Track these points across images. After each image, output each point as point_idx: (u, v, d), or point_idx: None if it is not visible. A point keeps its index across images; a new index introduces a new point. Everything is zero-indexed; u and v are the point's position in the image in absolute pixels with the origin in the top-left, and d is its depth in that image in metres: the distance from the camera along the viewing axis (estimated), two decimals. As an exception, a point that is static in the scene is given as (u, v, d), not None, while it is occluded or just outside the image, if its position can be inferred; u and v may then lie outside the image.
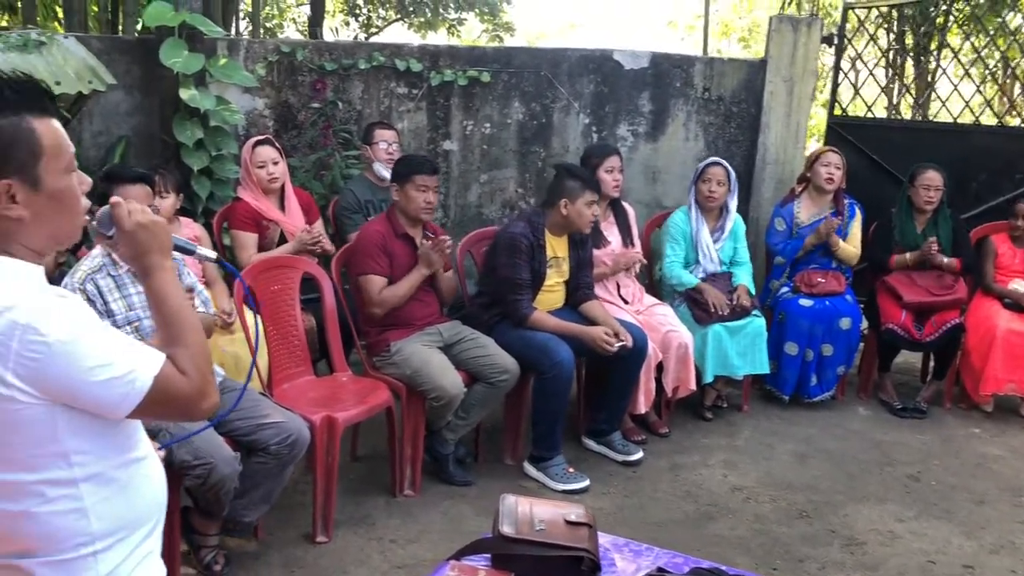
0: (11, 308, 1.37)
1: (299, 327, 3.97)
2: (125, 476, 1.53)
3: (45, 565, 1.45)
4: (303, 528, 3.55)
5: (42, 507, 1.44)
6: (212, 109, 4.69)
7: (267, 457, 3.17)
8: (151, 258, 1.63)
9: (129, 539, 1.54)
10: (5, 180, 1.44)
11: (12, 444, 1.40)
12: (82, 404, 1.44)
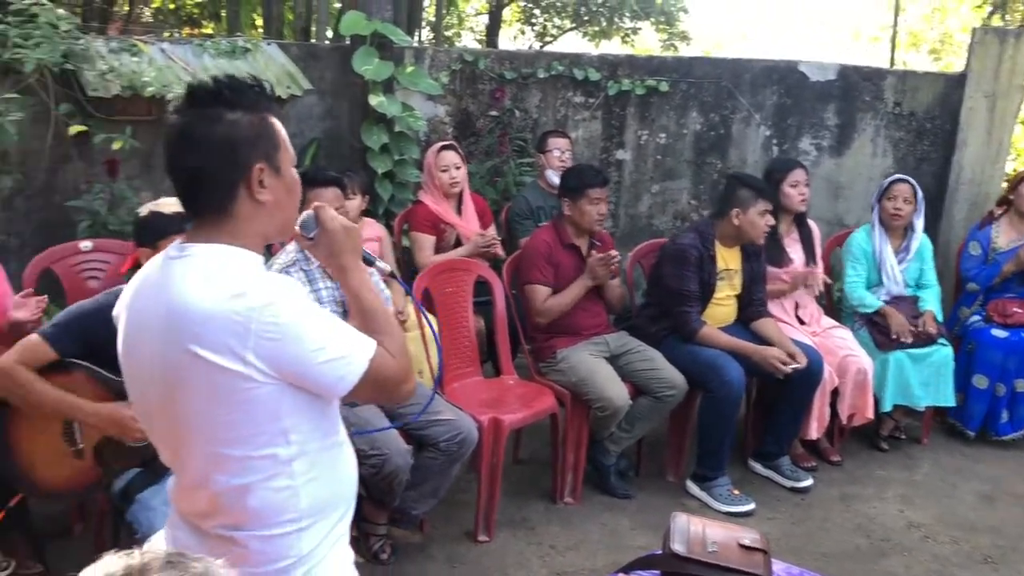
0: (245, 293, 1.48)
1: (470, 328, 4.06)
2: (329, 458, 1.62)
3: (256, 539, 1.55)
4: (465, 526, 3.63)
5: (262, 483, 1.54)
6: (398, 115, 4.87)
7: (437, 453, 3.25)
8: (347, 258, 1.73)
9: (327, 520, 1.62)
10: (257, 164, 1.56)
11: (243, 421, 1.51)
12: (306, 383, 1.53)
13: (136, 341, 1.59)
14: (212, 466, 1.54)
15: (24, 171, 4.31)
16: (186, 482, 1.61)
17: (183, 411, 1.53)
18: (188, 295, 1.49)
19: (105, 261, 3.76)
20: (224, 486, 1.53)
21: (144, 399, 1.62)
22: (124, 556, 0.97)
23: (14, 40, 3.97)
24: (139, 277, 1.64)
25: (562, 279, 3.97)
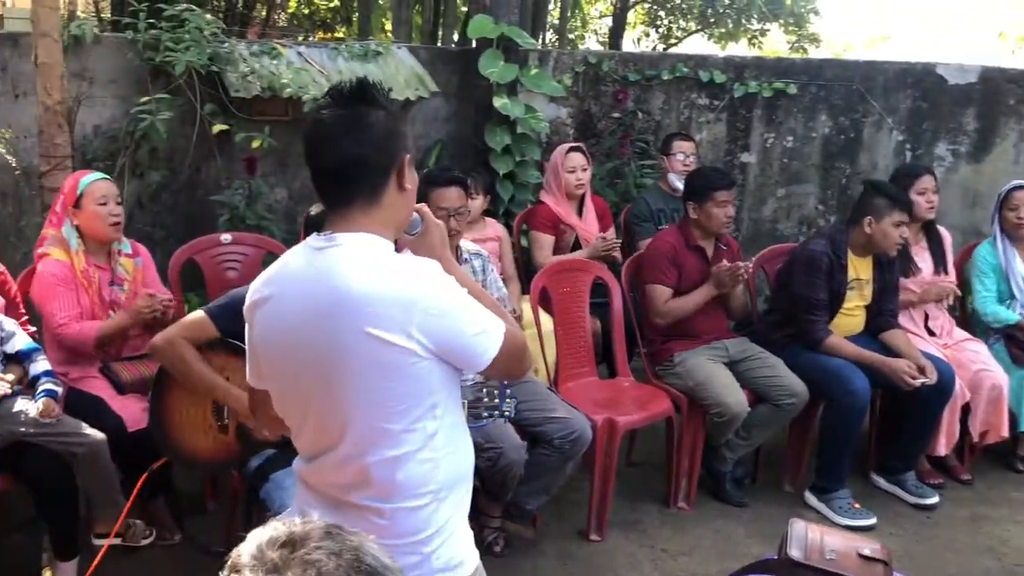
0: (404, 273, 1.60)
1: (587, 328, 4.08)
2: (458, 435, 1.72)
3: (401, 510, 1.63)
4: (577, 524, 3.65)
5: (412, 455, 1.62)
6: (521, 117, 4.94)
7: (551, 449, 3.29)
8: (445, 251, 1.84)
9: (456, 495, 1.70)
10: (405, 155, 1.69)
11: (404, 395, 1.60)
12: (454, 356, 1.64)
13: (286, 330, 1.67)
14: (371, 440, 1.62)
15: (171, 167, 4.58)
16: (337, 458, 1.67)
17: (348, 390, 1.61)
18: (351, 279, 1.59)
19: (243, 253, 3.96)
20: (379, 458, 1.62)
21: (295, 382, 1.69)
22: (287, 524, 1.02)
23: (166, 44, 4.24)
24: (280, 268, 1.73)
25: (686, 281, 3.94)
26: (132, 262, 3.40)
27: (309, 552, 0.97)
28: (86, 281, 3.22)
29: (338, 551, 0.99)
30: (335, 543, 1.00)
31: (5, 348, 2.91)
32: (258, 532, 1.02)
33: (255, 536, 1.02)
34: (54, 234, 3.26)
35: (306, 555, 0.97)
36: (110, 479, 2.96)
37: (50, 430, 2.83)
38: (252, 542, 1.01)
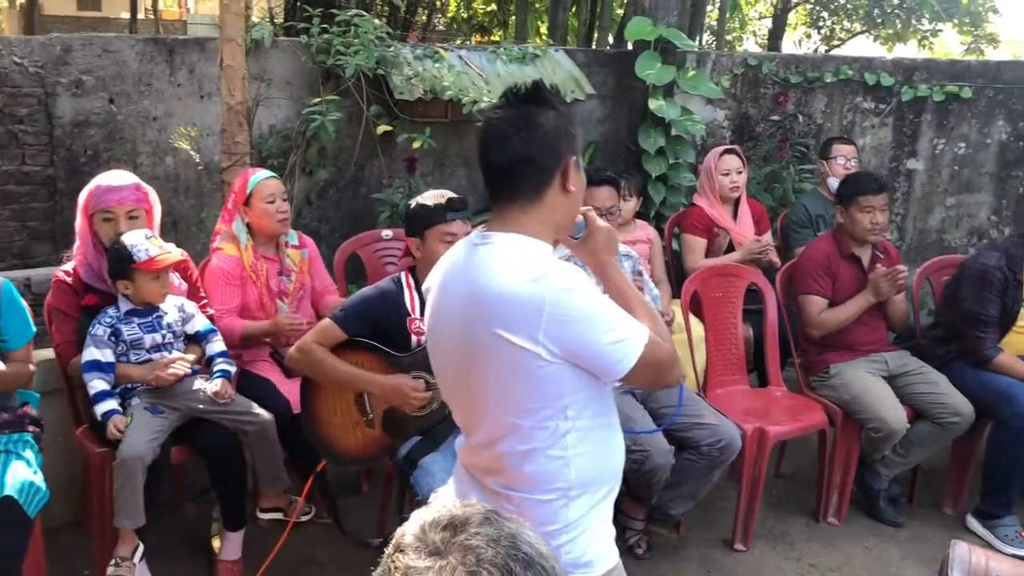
0: (542, 278, 1.62)
1: (738, 335, 4.01)
2: (598, 437, 1.73)
3: (529, 501, 1.69)
4: (722, 533, 3.60)
5: (541, 451, 1.67)
6: (676, 119, 4.90)
7: (698, 456, 3.26)
8: (607, 255, 1.87)
9: (593, 495, 1.73)
10: (571, 156, 1.72)
11: (532, 396, 1.65)
12: (587, 363, 1.65)
13: (441, 317, 1.78)
14: (502, 431, 1.69)
15: (337, 166, 4.81)
16: (476, 441, 1.78)
17: (482, 383, 1.70)
18: (492, 280, 1.65)
19: (401, 249, 4.11)
20: (509, 449, 1.69)
21: (444, 368, 1.81)
22: (449, 506, 1.08)
23: (337, 48, 4.46)
24: (447, 259, 1.82)
25: (840, 291, 3.82)
26: (299, 253, 3.60)
27: (469, 537, 1.02)
28: (254, 275, 3.43)
29: (496, 538, 1.03)
30: (493, 529, 1.04)
31: (186, 329, 3.14)
32: (421, 512, 1.08)
33: (418, 516, 1.07)
34: (226, 230, 3.48)
35: (466, 540, 1.02)
36: (276, 457, 3.15)
37: (224, 408, 3.04)
38: (416, 523, 1.06)
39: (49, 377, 3.15)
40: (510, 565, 1.01)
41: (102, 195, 3.04)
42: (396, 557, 1.03)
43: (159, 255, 2.96)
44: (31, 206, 4.37)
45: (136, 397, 2.99)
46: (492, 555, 1.01)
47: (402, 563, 1.02)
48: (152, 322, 3.05)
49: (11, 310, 2.82)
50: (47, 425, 2.99)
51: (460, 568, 0.99)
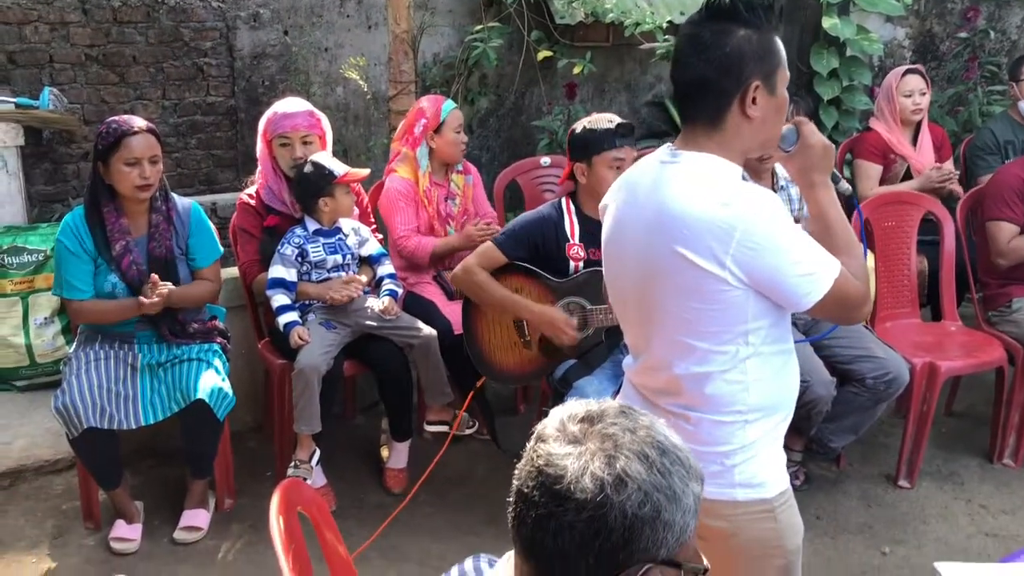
0: (732, 203, 1.58)
1: (911, 267, 3.82)
2: (778, 363, 1.71)
3: (707, 421, 1.69)
4: (885, 469, 3.50)
5: (719, 374, 1.67)
6: (851, 38, 4.64)
7: (861, 389, 3.17)
8: (819, 175, 1.76)
9: (769, 419, 1.72)
10: (754, 81, 1.63)
11: (711, 319, 1.64)
12: (774, 294, 1.62)
13: (621, 232, 1.77)
14: (677, 353, 1.69)
15: (498, 93, 4.86)
16: (650, 362, 1.78)
17: (659, 301, 1.69)
18: (680, 199, 1.62)
19: (559, 176, 4.13)
20: (686, 371, 1.69)
21: (620, 284, 1.81)
22: (585, 403, 1.13)
23: (500, -28, 4.46)
24: (629, 175, 1.81)
25: (1033, 220, 3.55)
26: (463, 179, 3.69)
27: (606, 427, 1.08)
28: (427, 199, 3.55)
29: (632, 428, 1.08)
30: (629, 421, 1.10)
31: (361, 251, 3.30)
32: (560, 409, 1.14)
33: (557, 412, 1.13)
34: (407, 152, 3.59)
35: (603, 429, 1.08)
36: (440, 372, 3.29)
37: (391, 324, 3.19)
38: (555, 417, 1.12)
39: (234, 294, 3.40)
40: (646, 451, 1.06)
41: (279, 121, 3.22)
42: (538, 447, 1.09)
43: (351, 169, 3.15)
44: (215, 135, 4.66)
45: (312, 313, 3.19)
46: (629, 441, 1.06)
47: (543, 451, 1.07)
48: (335, 243, 3.22)
49: (200, 231, 3.05)
50: (232, 338, 3.24)
51: (599, 453, 1.05)
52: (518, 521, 1.08)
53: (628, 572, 1.05)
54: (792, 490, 1.73)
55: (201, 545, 2.98)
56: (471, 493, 3.31)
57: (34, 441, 3.36)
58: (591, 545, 1.02)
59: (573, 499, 1.02)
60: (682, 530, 1.07)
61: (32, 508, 3.13)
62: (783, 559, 1.75)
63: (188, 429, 2.95)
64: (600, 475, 1.02)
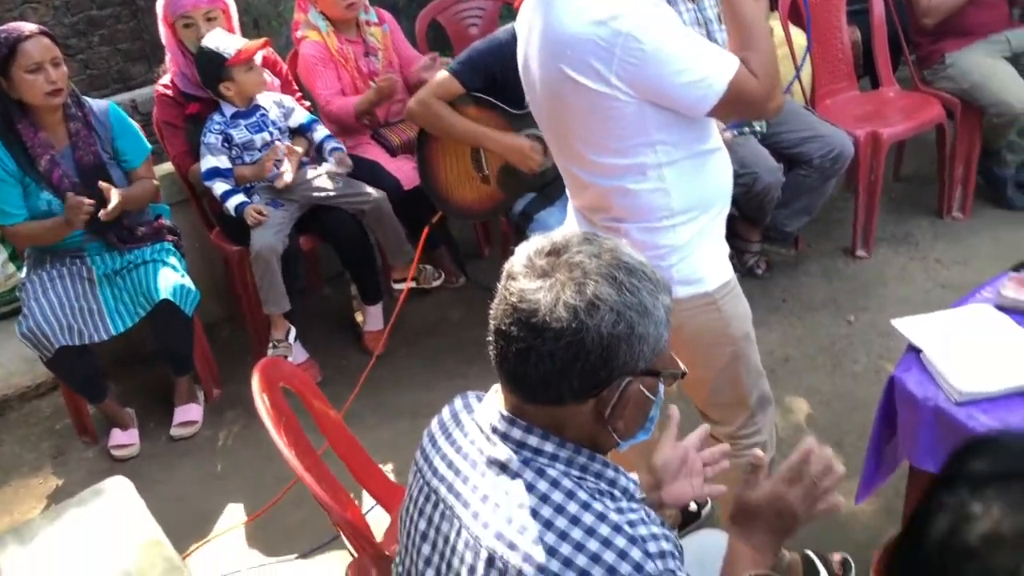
0: (611, 19, 1.54)
1: (844, 39, 3.79)
2: (698, 164, 1.72)
3: (636, 229, 1.73)
4: (842, 242, 3.60)
5: (634, 185, 1.70)
6: None
7: (809, 170, 3.22)
8: None
9: (699, 219, 1.75)
10: None
11: (613, 135, 1.65)
12: (665, 103, 1.61)
13: (526, 56, 1.76)
14: (594, 171, 1.72)
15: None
16: (578, 182, 1.82)
17: (566, 123, 1.70)
18: (559, 18, 1.60)
19: (481, 8, 4.00)
20: (607, 187, 1.72)
21: (536, 110, 1.82)
22: (549, 237, 1.16)
23: None
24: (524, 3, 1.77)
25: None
26: (380, 30, 3.55)
27: (572, 256, 1.10)
28: (342, 59, 3.42)
29: (597, 253, 1.11)
30: (593, 246, 1.12)
31: (289, 123, 3.22)
32: (525, 245, 1.16)
33: (523, 248, 1.16)
34: (304, 18, 3.44)
35: (569, 259, 1.10)
36: (397, 231, 3.30)
37: (339, 192, 3.16)
38: (522, 253, 1.15)
39: (173, 189, 3.33)
40: (613, 273, 1.09)
41: (177, 1, 3.06)
42: (509, 284, 1.12)
43: (244, 46, 3.01)
44: (117, 28, 4.44)
45: (257, 195, 3.14)
46: (596, 266, 1.10)
47: (515, 288, 1.10)
48: (258, 121, 3.14)
49: (124, 131, 2.96)
50: (182, 233, 3.20)
51: (569, 282, 1.08)
52: (500, 357, 1.12)
53: (610, 388, 1.11)
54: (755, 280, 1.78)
55: (199, 437, 3.06)
56: (450, 339, 3.38)
57: (9, 370, 3.37)
58: (572, 368, 1.08)
59: (550, 329, 1.06)
60: (656, 341, 1.12)
61: (25, 435, 3.18)
62: (732, 346, 1.84)
63: (159, 330, 2.96)
64: (572, 303, 1.06)
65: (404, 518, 1.28)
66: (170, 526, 1.99)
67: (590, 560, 1.04)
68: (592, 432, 1.15)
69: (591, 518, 1.08)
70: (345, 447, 2.02)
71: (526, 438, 1.14)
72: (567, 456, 1.14)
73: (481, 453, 1.17)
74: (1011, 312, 1.86)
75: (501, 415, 1.16)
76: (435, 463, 1.23)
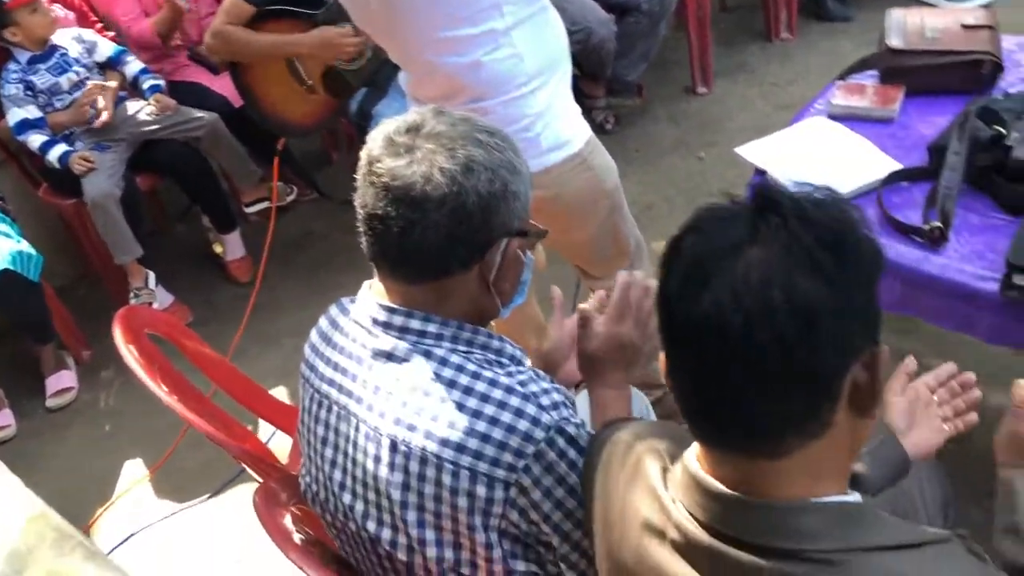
0: None
1: None
2: (540, 22, 1.70)
3: (498, 104, 1.70)
4: (682, 83, 3.67)
5: (488, 56, 1.65)
6: None
7: (639, 15, 3.23)
8: None
9: (551, 78, 1.74)
10: None
11: (458, 3, 1.60)
12: None
13: None
14: (443, 50, 1.66)
15: None
16: (422, 71, 1.75)
17: (404, 8, 1.63)
18: None
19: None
20: (456, 66, 1.67)
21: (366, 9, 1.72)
22: (403, 117, 1.13)
23: None
24: None
25: None
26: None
27: (432, 128, 1.09)
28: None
29: (454, 122, 1.11)
30: (448, 117, 1.12)
31: (95, 58, 3.00)
32: (381, 127, 1.13)
33: (380, 130, 1.13)
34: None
35: (431, 131, 1.09)
36: (237, 152, 3.16)
37: (167, 123, 3.00)
38: (378, 138, 1.12)
39: (-14, 151, 3.09)
40: (477, 136, 1.10)
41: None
42: (374, 168, 1.09)
43: None
44: None
45: (78, 141, 2.95)
46: (459, 132, 1.09)
47: (382, 169, 1.08)
48: (59, 62, 2.92)
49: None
50: (9, 196, 2.99)
51: (439, 150, 1.07)
52: (380, 242, 1.10)
53: (491, 250, 1.12)
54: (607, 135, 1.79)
55: (79, 403, 2.94)
56: (319, 252, 3.32)
57: None
58: (457, 234, 1.08)
59: (431, 199, 1.06)
60: (526, 198, 1.14)
61: None
62: (607, 200, 1.86)
63: (7, 303, 2.78)
64: (448, 167, 1.06)
65: (302, 430, 1.28)
66: (69, 497, 1.95)
67: (489, 424, 1.07)
68: (477, 301, 1.16)
69: (483, 386, 1.10)
70: (231, 381, 1.98)
71: (408, 323, 1.14)
72: (451, 333, 1.15)
73: (365, 348, 1.17)
74: (843, 119, 1.94)
75: (380, 306, 1.16)
76: (321, 370, 1.23)
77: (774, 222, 0.75)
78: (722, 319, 0.74)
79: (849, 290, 0.75)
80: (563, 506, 1.10)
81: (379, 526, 1.17)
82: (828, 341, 0.74)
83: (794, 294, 0.73)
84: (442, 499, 1.09)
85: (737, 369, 0.75)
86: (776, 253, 0.74)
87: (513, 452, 1.07)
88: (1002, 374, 1.23)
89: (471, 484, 1.08)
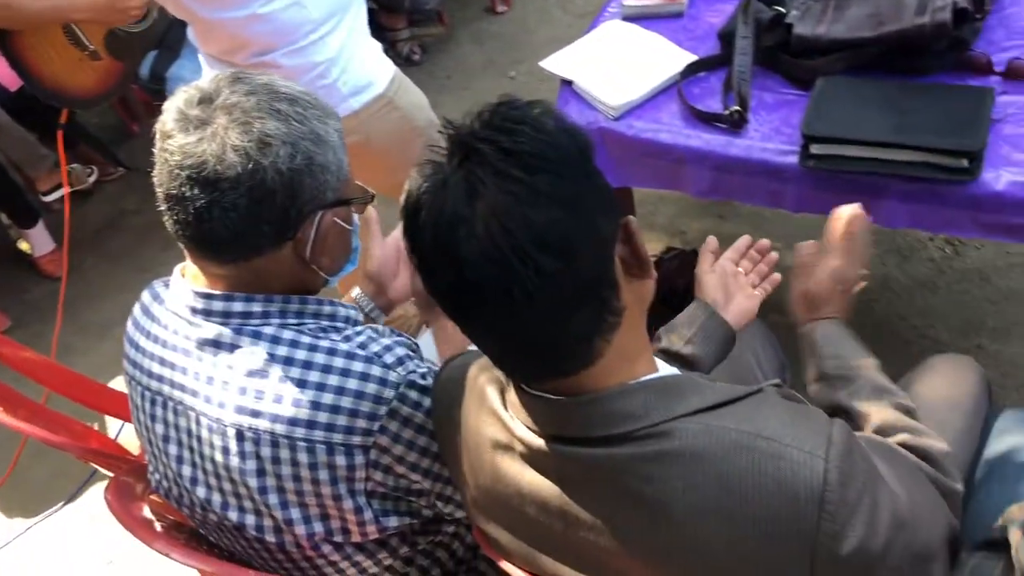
0: None
1: None
2: None
3: (284, 55, 1.64)
4: (482, 4, 3.65)
5: (264, 8, 1.58)
6: None
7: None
8: None
9: (343, 21, 1.69)
10: None
11: None
12: None
13: None
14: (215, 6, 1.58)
15: None
16: (203, 27, 1.67)
17: None
18: None
19: None
20: (234, 21, 1.59)
21: None
22: (196, 86, 1.04)
23: None
24: None
25: None
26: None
27: (227, 99, 1.02)
28: None
29: (252, 90, 1.03)
30: (246, 84, 1.04)
31: None
32: (172, 100, 1.05)
33: (171, 104, 1.05)
34: None
35: (225, 102, 1.01)
36: (24, 139, 2.93)
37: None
38: (171, 110, 1.04)
39: None
40: (275, 106, 1.03)
41: None
42: (166, 145, 1.02)
43: None
44: None
45: None
46: (255, 104, 1.02)
47: (174, 147, 1.01)
48: None
49: None
50: None
51: (232, 125, 1.00)
52: (181, 224, 1.03)
53: (304, 227, 1.06)
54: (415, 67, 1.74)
55: None
56: (133, 231, 3.15)
57: None
58: (260, 214, 1.02)
59: (225, 179, 0.99)
60: (338, 168, 1.08)
61: None
62: (421, 138, 1.84)
63: None
64: (241, 145, 0.99)
65: (140, 429, 1.22)
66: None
67: (336, 394, 1.05)
68: (298, 276, 1.11)
69: (323, 356, 1.07)
70: (61, 380, 1.87)
71: (229, 307, 1.08)
72: (278, 308, 1.09)
73: (189, 339, 1.11)
74: (636, 20, 1.98)
75: (195, 293, 1.09)
76: (145, 365, 1.16)
77: (479, 173, 0.77)
78: (488, 283, 0.78)
79: (577, 197, 0.79)
80: (429, 452, 1.11)
81: (241, 513, 1.13)
82: (586, 251, 0.79)
83: (535, 231, 0.76)
84: (301, 477, 1.07)
85: (526, 317, 0.79)
86: (500, 201, 0.77)
87: (366, 416, 1.05)
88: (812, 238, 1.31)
89: (329, 456, 1.06)
